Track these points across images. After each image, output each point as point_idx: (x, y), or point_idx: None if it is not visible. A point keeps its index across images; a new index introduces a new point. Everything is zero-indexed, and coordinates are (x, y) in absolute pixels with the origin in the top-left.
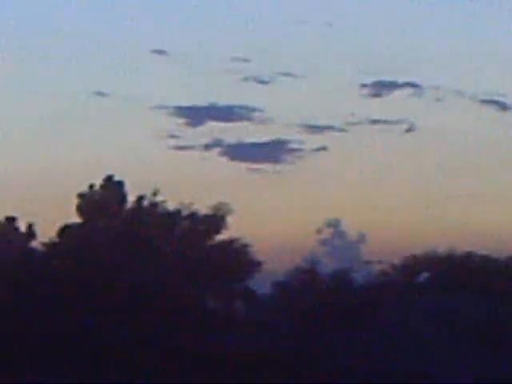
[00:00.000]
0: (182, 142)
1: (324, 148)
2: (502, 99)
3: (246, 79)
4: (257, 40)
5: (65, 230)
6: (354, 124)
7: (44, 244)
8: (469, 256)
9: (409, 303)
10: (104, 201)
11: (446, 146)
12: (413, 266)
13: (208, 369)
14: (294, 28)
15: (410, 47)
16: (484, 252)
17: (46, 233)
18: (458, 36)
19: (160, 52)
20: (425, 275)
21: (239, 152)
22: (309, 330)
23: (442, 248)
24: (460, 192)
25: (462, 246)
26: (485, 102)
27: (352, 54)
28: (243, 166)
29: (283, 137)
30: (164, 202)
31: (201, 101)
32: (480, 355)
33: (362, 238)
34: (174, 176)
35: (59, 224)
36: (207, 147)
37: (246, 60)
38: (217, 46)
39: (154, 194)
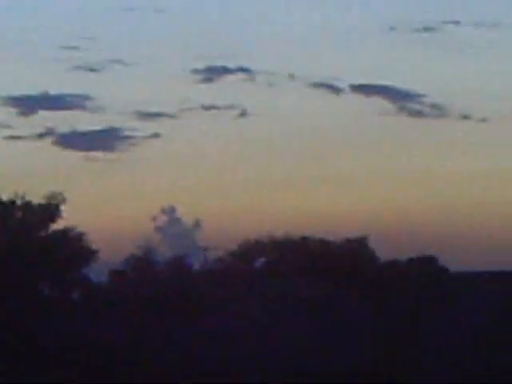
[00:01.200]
0: (14, 132)
1: (157, 135)
2: (334, 83)
3: (76, 67)
4: (86, 27)
5: None
6: (186, 110)
7: None
8: (304, 240)
9: (246, 288)
10: None
11: (279, 131)
12: (249, 251)
13: (44, 356)
14: (124, 15)
15: (241, 32)
16: (320, 236)
17: None
18: (290, 20)
19: None
20: (261, 260)
21: (72, 141)
22: (146, 317)
23: (278, 232)
24: (294, 176)
25: (298, 230)
26: (317, 85)
27: (183, 39)
28: (77, 154)
29: (116, 124)
30: None
31: (32, 90)
32: (316, 340)
33: (197, 225)
34: (7, 166)
35: None
36: (40, 136)
37: (75, 48)
38: (46, 35)
39: None
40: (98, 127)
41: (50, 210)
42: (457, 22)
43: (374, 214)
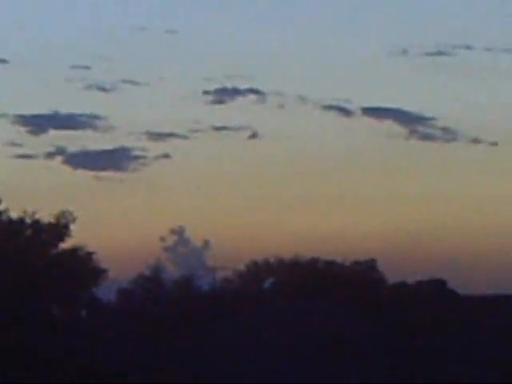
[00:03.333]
0: (24, 151)
1: (167, 155)
2: (344, 105)
3: (88, 87)
4: (98, 47)
5: None
6: (197, 131)
7: None
8: (313, 261)
9: (254, 309)
10: None
11: (290, 152)
12: (257, 272)
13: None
14: (136, 35)
15: (252, 54)
16: (329, 257)
17: None
18: (301, 42)
19: (1, 60)
20: (270, 281)
21: (82, 160)
22: (153, 336)
23: (287, 254)
24: (303, 197)
25: (307, 252)
26: (327, 107)
27: (194, 60)
28: (87, 173)
29: (126, 144)
30: (7, 210)
31: (43, 109)
32: (325, 361)
33: (206, 245)
34: (17, 184)
35: None
36: (50, 155)
37: (87, 67)
38: (57, 54)
39: None
40: (108, 147)
41: (60, 228)
42: (469, 47)
43: (383, 236)
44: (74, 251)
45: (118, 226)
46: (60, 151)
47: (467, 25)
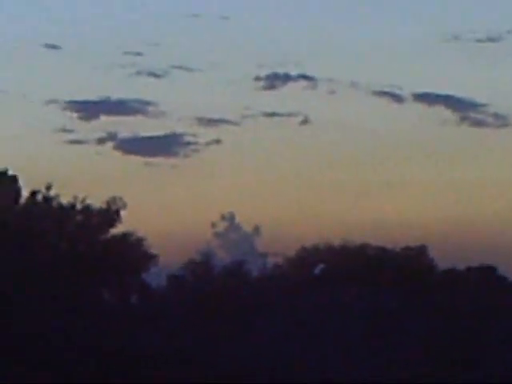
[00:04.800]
0: (75, 136)
1: (218, 141)
2: (395, 91)
3: (138, 73)
4: (149, 33)
5: None
6: (248, 117)
7: None
8: (363, 247)
9: (304, 295)
10: None
11: (341, 138)
12: (307, 258)
13: (108, 362)
14: (188, 21)
15: (303, 40)
16: (379, 243)
17: None
18: (352, 29)
19: (53, 46)
20: (320, 267)
21: (133, 146)
22: (203, 322)
23: (336, 239)
24: (354, 183)
25: (357, 237)
26: (378, 93)
27: (245, 47)
28: (137, 159)
29: (177, 130)
30: (58, 196)
31: (94, 95)
32: (374, 347)
33: (256, 231)
34: (68, 170)
35: None
36: (101, 141)
37: (138, 54)
38: (109, 40)
39: (48, 188)
40: (159, 133)
41: (110, 214)
42: None
43: (434, 222)
44: (124, 237)
45: (168, 212)
46: (111, 137)
47: None
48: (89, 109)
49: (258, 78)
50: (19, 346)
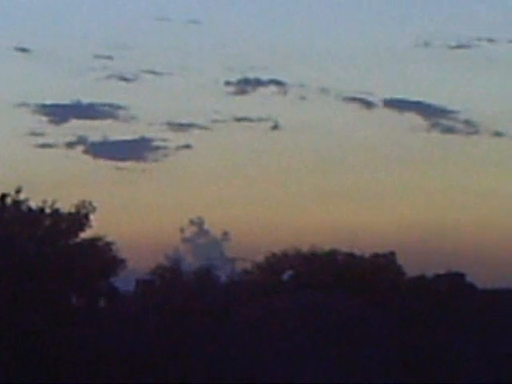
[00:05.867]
0: (45, 140)
1: (188, 146)
2: (366, 97)
3: (109, 77)
4: (120, 37)
5: None
6: (218, 122)
7: None
8: (332, 254)
9: (272, 301)
10: None
11: (311, 144)
12: (276, 263)
13: (73, 365)
14: (158, 25)
15: (274, 45)
16: (347, 249)
17: None
18: (323, 33)
19: (23, 50)
20: (289, 273)
21: (103, 150)
22: (171, 327)
23: (305, 246)
24: (323, 190)
25: (326, 244)
26: (349, 99)
27: (216, 51)
28: (107, 163)
29: (147, 135)
30: (27, 199)
31: (64, 99)
32: (341, 352)
33: (225, 236)
34: (38, 174)
35: None
36: (71, 145)
37: (109, 57)
38: (79, 44)
39: (17, 191)
40: (129, 137)
41: (79, 218)
42: (491, 40)
43: (402, 229)
44: (93, 241)
45: (137, 217)
46: (81, 141)
47: (490, 18)
48: (59, 112)
49: (228, 83)
50: None
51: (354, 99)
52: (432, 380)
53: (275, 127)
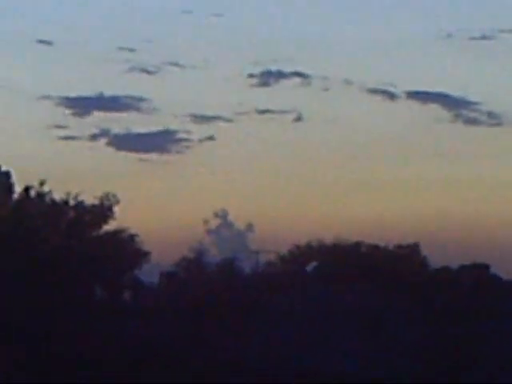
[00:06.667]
0: (68, 133)
1: (211, 138)
2: (389, 88)
3: (132, 69)
4: (143, 30)
5: None
6: (241, 114)
7: None
8: (357, 245)
9: (297, 292)
10: None
11: (334, 136)
12: (300, 255)
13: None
14: (181, 18)
15: (297, 37)
16: (372, 241)
17: None
18: (346, 25)
19: (46, 42)
20: (313, 264)
21: (126, 142)
22: (195, 319)
23: (328, 237)
24: (347, 181)
25: (350, 235)
26: (372, 91)
27: (239, 44)
28: (130, 156)
29: (171, 127)
30: (51, 192)
31: (87, 91)
32: (366, 343)
33: (249, 228)
34: (61, 166)
35: None
36: (94, 137)
37: (131, 50)
38: (102, 36)
39: (41, 184)
40: (152, 129)
41: (103, 210)
42: None
43: (427, 220)
44: (116, 233)
45: (161, 209)
46: (104, 133)
47: None
48: (82, 105)
49: (251, 75)
50: (12, 341)
51: (377, 91)
52: (456, 370)
53: (298, 119)
